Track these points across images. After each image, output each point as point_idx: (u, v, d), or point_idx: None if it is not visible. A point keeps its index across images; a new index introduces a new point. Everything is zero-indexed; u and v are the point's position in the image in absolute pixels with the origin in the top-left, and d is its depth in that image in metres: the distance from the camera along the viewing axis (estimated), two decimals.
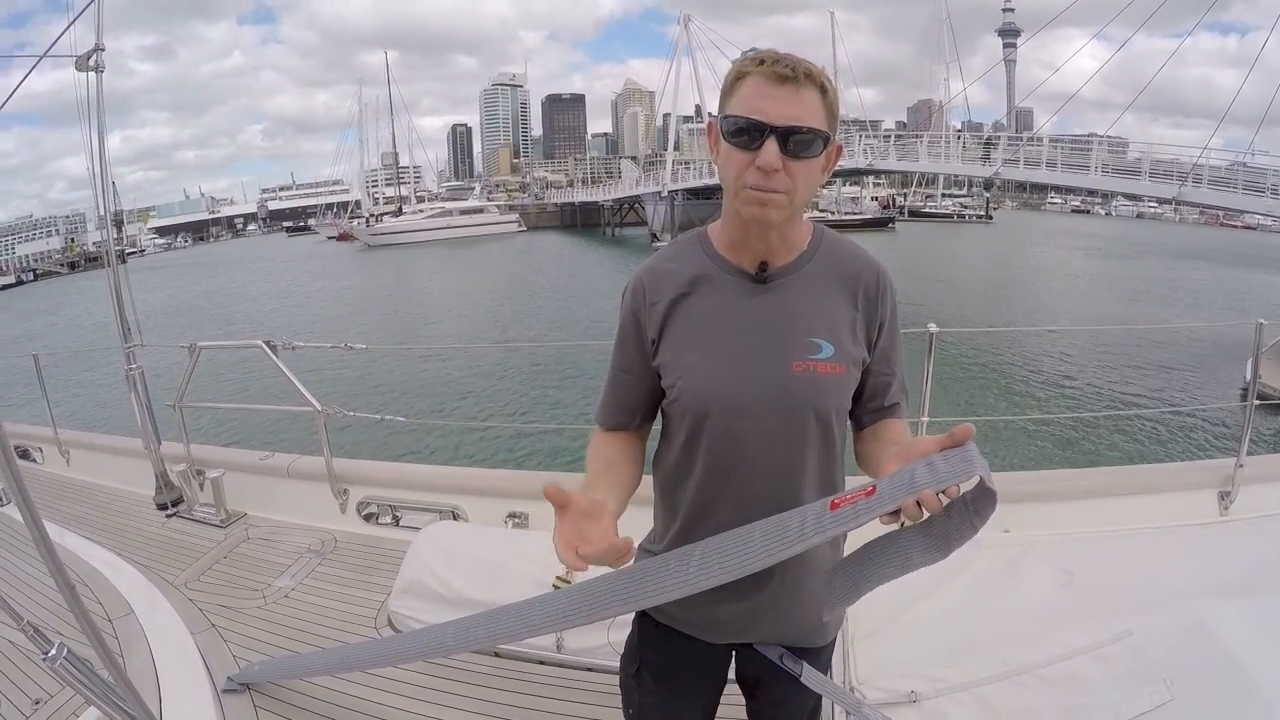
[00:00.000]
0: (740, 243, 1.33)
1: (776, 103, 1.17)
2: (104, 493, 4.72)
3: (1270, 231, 50.28)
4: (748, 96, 1.18)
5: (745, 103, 1.18)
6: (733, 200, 1.26)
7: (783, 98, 1.17)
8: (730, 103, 1.21)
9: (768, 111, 1.16)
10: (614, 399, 1.46)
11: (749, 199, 1.22)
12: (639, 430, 1.48)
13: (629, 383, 1.43)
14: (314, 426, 4.01)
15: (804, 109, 1.17)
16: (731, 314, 1.33)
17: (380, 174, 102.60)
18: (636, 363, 1.41)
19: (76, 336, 27.42)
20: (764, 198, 1.21)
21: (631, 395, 1.44)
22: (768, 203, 1.21)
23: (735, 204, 1.26)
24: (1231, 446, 3.77)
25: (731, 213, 1.31)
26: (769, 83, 1.17)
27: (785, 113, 1.16)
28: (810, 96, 1.18)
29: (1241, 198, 20.05)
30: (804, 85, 1.17)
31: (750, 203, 1.22)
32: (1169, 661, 2.02)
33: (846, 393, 1.37)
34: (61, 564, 1.63)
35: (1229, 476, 3.36)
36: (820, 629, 1.51)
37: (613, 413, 1.47)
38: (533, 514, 3.61)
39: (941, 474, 1.01)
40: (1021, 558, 2.84)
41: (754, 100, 1.18)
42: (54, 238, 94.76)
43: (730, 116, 1.20)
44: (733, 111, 1.19)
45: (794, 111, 1.17)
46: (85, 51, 3.87)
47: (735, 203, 1.26)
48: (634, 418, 1.46)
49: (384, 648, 2.55)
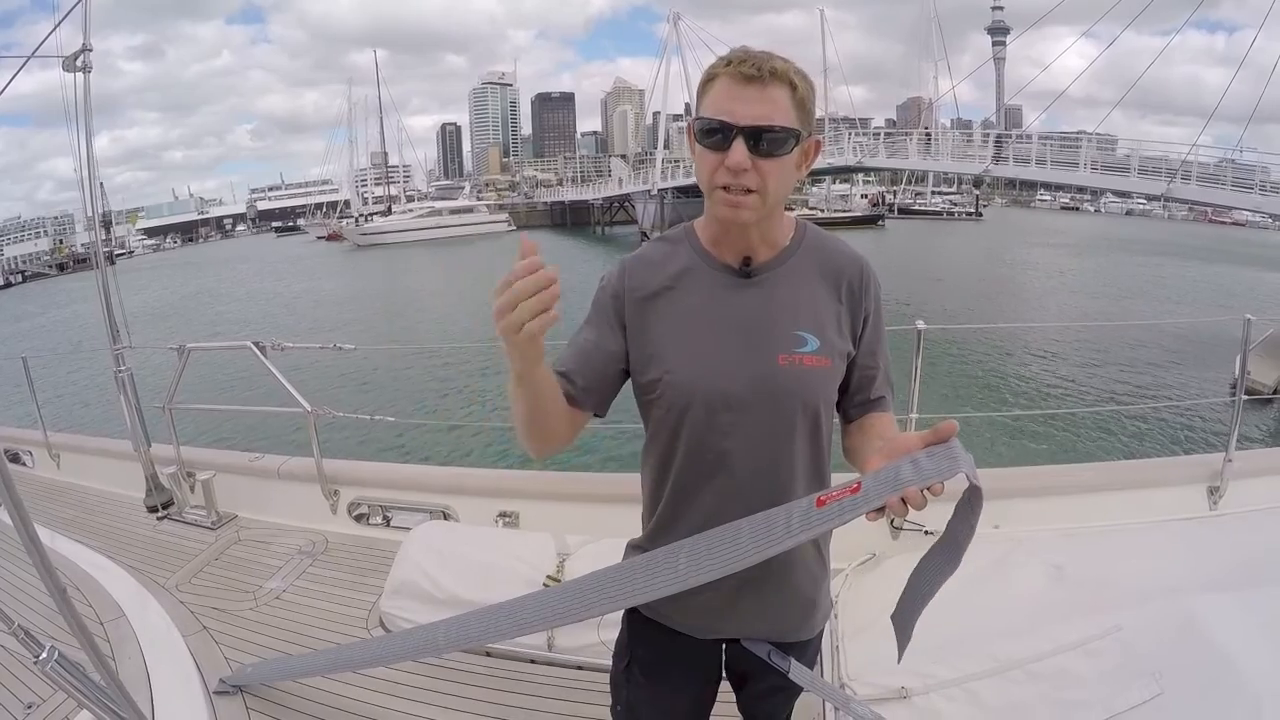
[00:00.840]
0: (722, 239, 1.35)
1: (743, 103, 1.18)
2: (94, 495, 4.70)
3: (1258, 228, 50.69)
4: (717, 98, 1.20)
5: (714, 104, 1.20)
6: (709, 201, 1.28)
7: (749, 98, 1.18)
8: (702, 104, 1.23)
9: (734, 112, 1.18)
10: (576, 364, 1.36)
11: (721, 200, 1.24)
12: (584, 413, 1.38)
13: (597, 357, 1.37)
14: (304, 427, 4.00)
15: (771, 108, 1.18)
16: (716, 308, 1.34)
17: (369, 173, 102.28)
18: (609, 341, 1.37)
19: (64, 339, 27.20)
20: (735, 200, 1.22)
21: (597, 370, 1.36)
22: (739, 204, 1.23)
23: (711, 205, 1.28)
24: (1220, 441, 3.79)
25: (711, 215, 1.33)
26: (735, 83, 1.19)
27: (751, 112, 1.18)
28: (778, 94, 1.19)
29: (1230, 194, 20.19)
30: (771, 83, 1.18)
31: (722, 204, 1.24)
32: (1158, 656, 2.04)
33: (832, 386, 1.37)
34: (52, 567, 1.63)
35: (1218, 471, 3.39)
36: (807, 622, 1.52)
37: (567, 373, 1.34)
38: (523, 513, 3.61)
39: (926, 471, 1.02)
40: (1011, 553, 2.85)
41: (722, 101, 1.19)
42: (42, 239, 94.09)
43: (701, 118, 1.22)
44: (704, 113, 1.22)
45: (760, 111, 1.18)
46: (72, 52, 3.85)
47: (709, 203, 1.28)
48: (584, 393, 1.35)
49: (375, 648, 2.55)
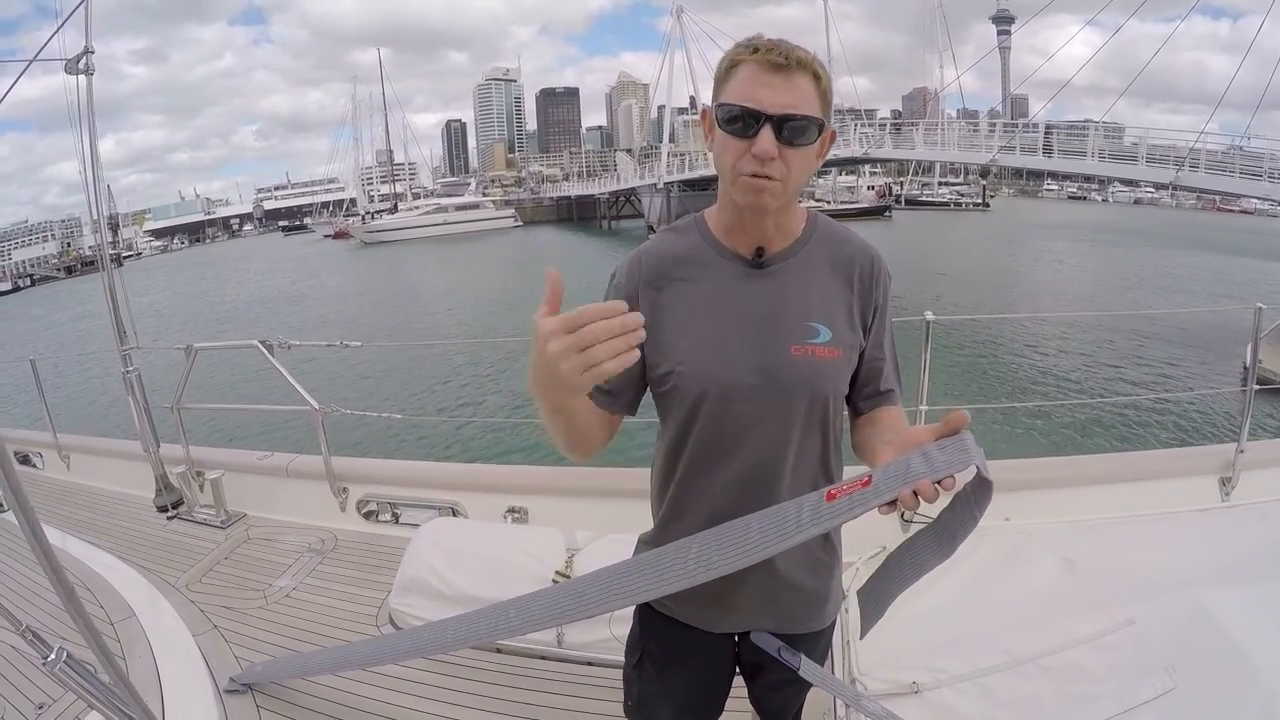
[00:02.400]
0: (736, 228, 1.33)
1: (771, 90, 1.16)
2: (104, 496, 4.72)
3: (1267, 216, 50.30)
4: (742, 85, 1.18)
5: (740, 91, 1.18)
6: (729, 187, 1.26)
7: (777, 85, 1.17)
8: (725, 90, 1.21)
9: (762, 100, 1.16)
10: None
11: (745, 186, 1.22)
12: (619, 415, 1.40)
13: None
14: (312, 425, 4.01)
15: (798, 96, 1.17)
16: (729, 299, 1.33)
17: (375, 171, 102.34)
18: None
19: (74, 341, 27.31)
20: (760, 185, 1.21)
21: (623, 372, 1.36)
22: (763, 189, 1.21)
23: (731, 191, 1.26)
24: (1232, 432, 3.77)
25: (727, 199, 1.31)
26: (763, 70, 1.17)
27: (780, 100, 1.16)
28: (804, 83, 1.18)
29: (1239, 182, 20.03)
30: (797, 72, 1.17)
31: (746, 190, 1.22)
32: (1171, 650, 2.02)
33: (844, 377, 1.36)
34: (60, 567, 1.63)
35: (1230, 462, 3.35)
36: (817, 614, 1.51)
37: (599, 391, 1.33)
38: (532, 509, 3.61)
39: (937, 464, 1.01)
40: (1022, 546, 2.84)
41: (748, 88, 1.17)
42: (50, 243, 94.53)
43: (725, 105, 1.19)
44: (727, 100, 1.19)
45: (788, 99, 1.17)
46: (75, 55, 3.86)
47: (731, 190, 1.26)
48: (617, 399, 1.37)
49: (385, 645, 2.55)
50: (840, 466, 1.43)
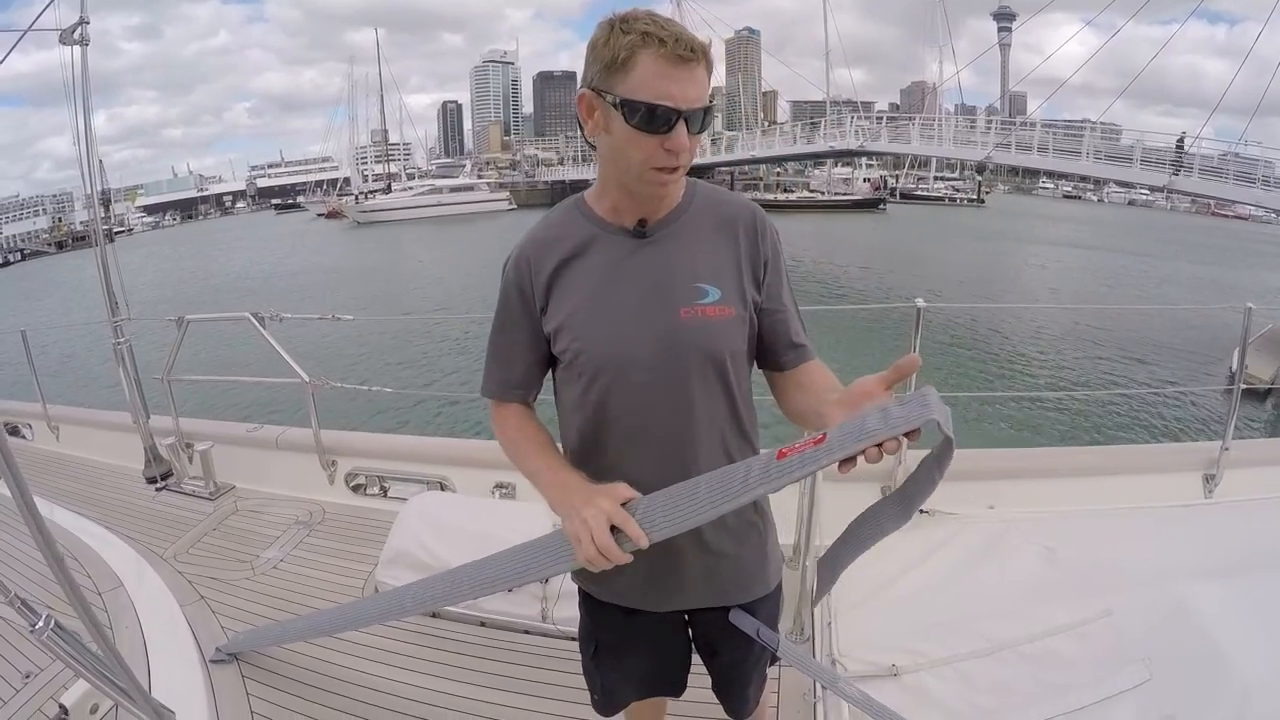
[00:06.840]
0: (625, 207, 1.34)
1: (680, 85, 1.16)
2: (93, 467, 4.72)
3: (1260, 222, 50.51)
4: (650, 79, 1.16)
5: (650, 86, 1.16)
6: (634, 181, 1.26)
7: (684, 79, 1.16)
8: (626, 82, 1.17)
9: (675, 96, 1.16)
10: (508, 372, 1.45)
11: (654, 180, 1.24)
12: (532, 400, 1.49)
13: (521, 354, 1.42)
14: (302, 398, 4.01)
15: (701, 88, 1.19)
16: (617, 271, 1.33)
17: (370, 151, 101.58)
18: (526, 333, 1.40)
19: (64, 314, 27.11)
20: (670, 178, 1.23)
21: (527, 366, 1.44)
22: (670, 182, 1.25)
23: (636, 184, 1.27)
24: (1216, 431, 3.80)
25: (622, 187, 1.31)
26: (669, 64, 1.15)
27: (690, 95, 1.17)
28: (703, 74, 1.19)
29: (1232, 188, 20.05)
30: (699, 64, 1.17)
31: (654, 183, 1.24)
32: (1148, 641, 2.05)
33: (739, 334, 1.36)
34: (50, 536, 1.63)
35: (1214, 459, 3.39)
36: (760, 580, 1.52)
37: (514, 385, 1.46)
38: (520, 484, 3.62)
39: (895, 420, 1.00)
40: (1004, 534, 2.87)
41: (659, 84, 1.15)
42: (41, 217, 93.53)
43: (634, 102, 1.17)
44: (634, 95, 1.16)
45: (696, 93, 1.18)
46: (69, 25, 3.84)
47: (636, 184, 1.26)
48: (530, 391, 1.47)
49: (351, 612, 2.53)
50: (755, 427, 1.44)
